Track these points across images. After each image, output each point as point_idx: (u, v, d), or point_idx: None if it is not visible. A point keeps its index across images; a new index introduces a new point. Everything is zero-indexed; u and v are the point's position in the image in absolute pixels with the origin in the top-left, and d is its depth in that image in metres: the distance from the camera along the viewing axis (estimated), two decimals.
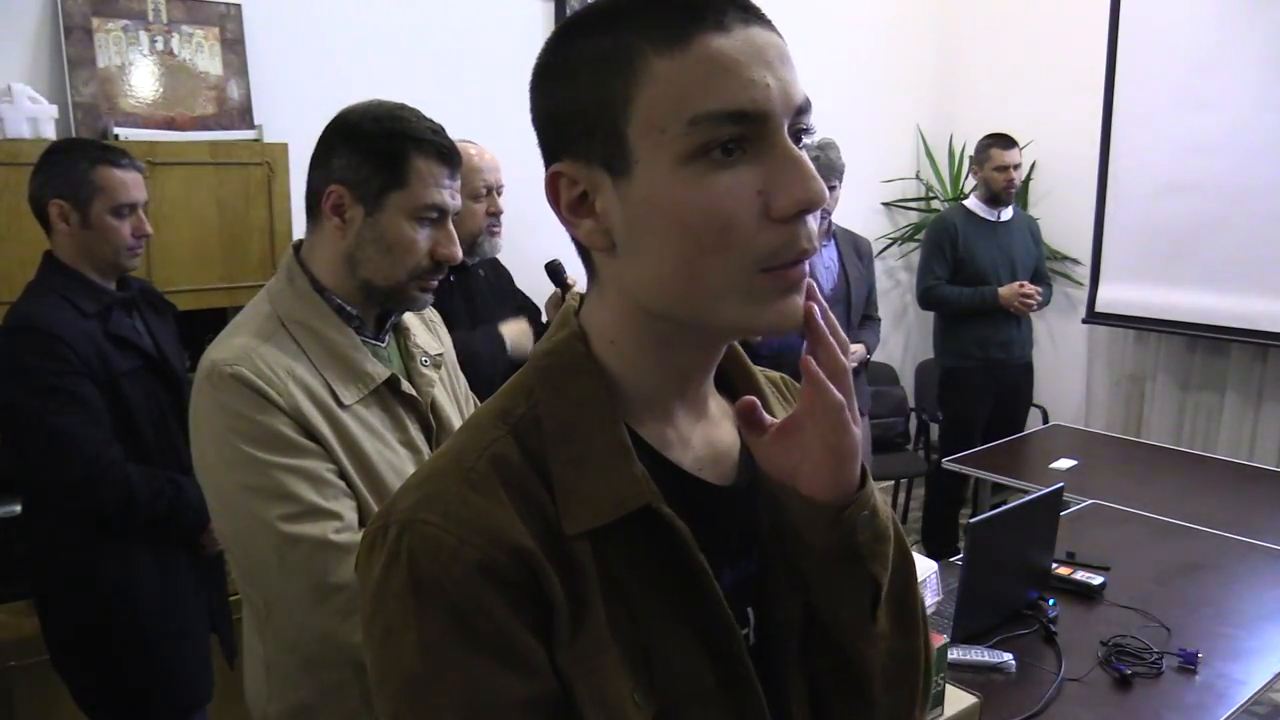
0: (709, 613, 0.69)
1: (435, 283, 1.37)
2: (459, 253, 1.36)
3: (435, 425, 1.41)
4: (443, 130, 1.34)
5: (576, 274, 3.19)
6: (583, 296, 0.76)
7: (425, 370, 1.44)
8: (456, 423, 1.46)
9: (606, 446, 0.67)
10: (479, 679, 0.62)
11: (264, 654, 1.34)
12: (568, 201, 0.67)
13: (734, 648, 0.70)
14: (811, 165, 0.63)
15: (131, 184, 2.00)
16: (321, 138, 1.32)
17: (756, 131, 0.62)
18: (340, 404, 1.27)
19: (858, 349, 3.23)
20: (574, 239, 0.69)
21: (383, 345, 1.38)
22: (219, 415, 1.21)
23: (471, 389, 1.61)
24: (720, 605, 0.69)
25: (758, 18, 0.64)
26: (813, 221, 0.64)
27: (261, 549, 1.21)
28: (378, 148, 1.28)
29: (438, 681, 0.62)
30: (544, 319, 1.95)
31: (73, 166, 1.95)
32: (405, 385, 1.36)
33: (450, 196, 1.32)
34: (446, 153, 1.31)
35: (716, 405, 0.78)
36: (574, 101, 0.65)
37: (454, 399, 1.50)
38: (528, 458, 0.67)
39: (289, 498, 1.20)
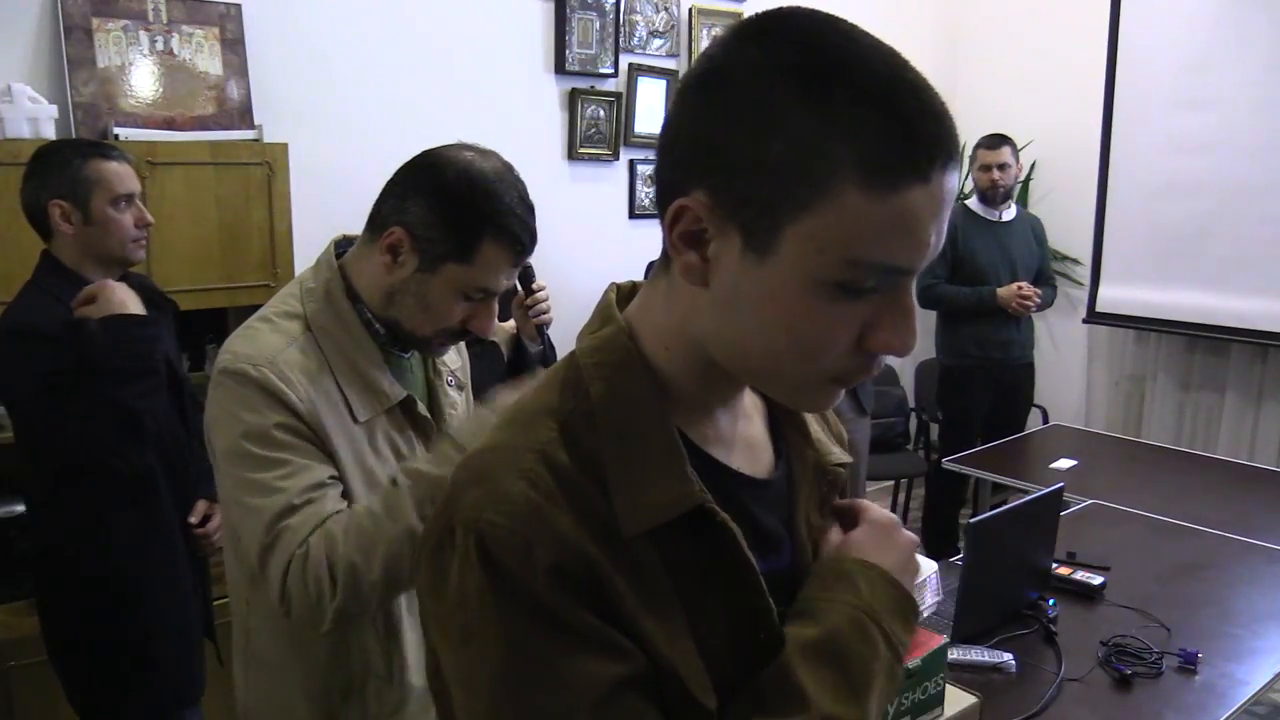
0: (751, 610, 0.70)
1: (457, 341, 1.37)
2: (492, 331, 1.35)
3: None
4: (531, 212, 1.28)
5: (569, 273, 3.19)
6: (621, 287, 0.76)
7: (450, 391, 1.44)
8: None
9: (659, 445, 0.67)
10: (572, 667, 0.62)
11: (245, 647, 1.36)
12: (682, 230, 0.64)
13: (772, 645, 0.71)
14: (915, 316, 0.64)
15: (125, 175, 2.00)
16: (411, 167, 1.28)
17: (894, 280, 0.62)
18: (355, 419, 1.27)
19: None
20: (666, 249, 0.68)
21: (406, 357, 1.38)
22: (237, 409, 1.21)
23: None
24: (765, 601, 0.70)
25: (955, 159, 0.61)
26: None
27: (251, 540, 1.21)
28: (457, 217, 1.23)
29: (530, 676, 0.62)
30: (510, 322, 1.96)
31: (65, 165, 1.94)
32: (421, 408, 1.36)
33: (505, 281, 1.30)
34: (521, 248, 1.27)
35: (749, 399, 0.79)
36: (744, 159, 0.60)
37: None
38: (579, 456, 0.67)
39: (280, 492, 1.20)
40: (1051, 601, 2.09)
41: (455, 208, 1.23)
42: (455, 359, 1.51)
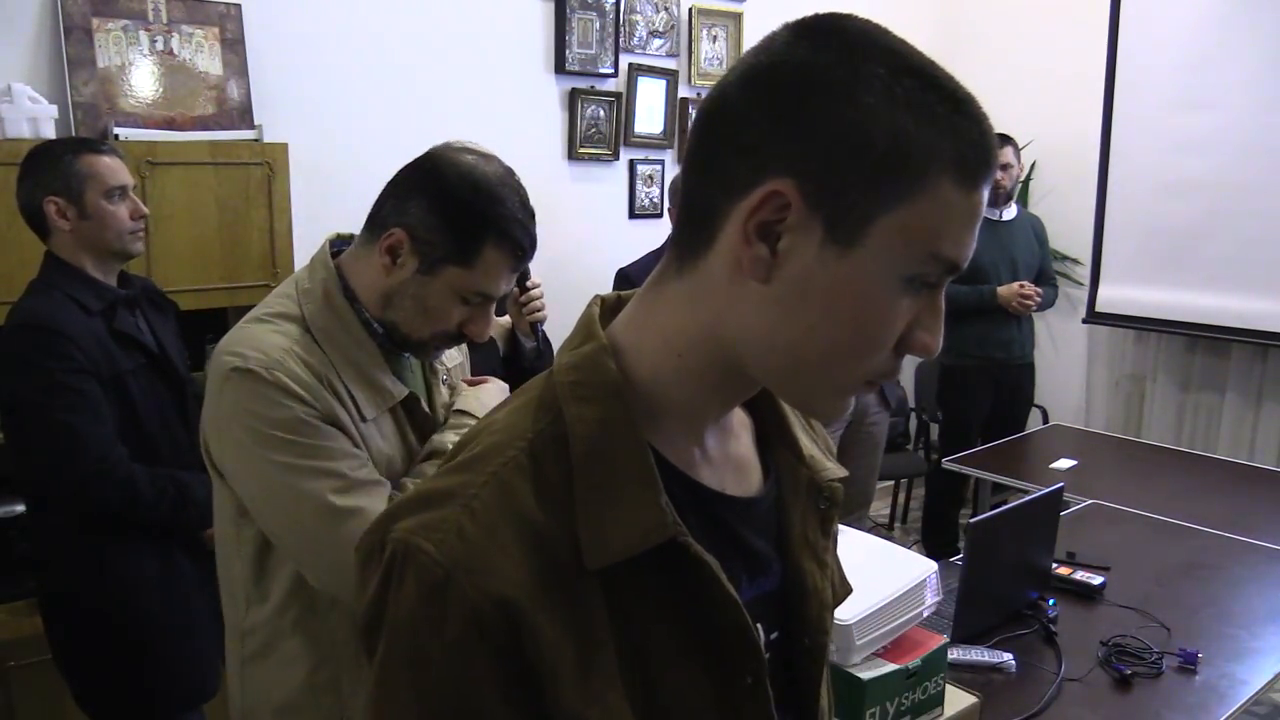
0: (730, 644, 0.67)
1: (453, 344, 1.37)
2: (487, 335, 1.34)
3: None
4: (532, 218, 1.28)
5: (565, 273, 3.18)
6: (605, 300, 0.73)
7: (444, 390, 1.44)
8: None
9: (635, 473, 0.64)
10: None
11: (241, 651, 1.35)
12: (760, 220, 0.61)
13: (755, 680, 0.68)
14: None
15: (117, 168, 2.01)
16: (413, 168, 1.28)
17: (946, 279, 0.65)
18: (362, 417, 1.28)
19: None
20: (692, 239, 0.65)
21: (406, 356, 1.38)
22: (257, 405, 1.20)
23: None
24: (749, 638, 0.67)
25: None
26: None
27: (313, 523, 1.20)
28: (459, 221, 1.23)
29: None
30: (506, 317, 1.96)
31: (57, 162, 1.95)
32: (424, 405, 1.36)
33: (504, 285, 1.30)
34: (522, 253, 1.27)
35: (737, 417, 0.76)
36: (842, 149, 0.59)
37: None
38: (542, 481, 0.64)
39: (334, 475, 1.20)
40: (1051, 601, 2.09)
41: (457, 210, 1.23)
42: (455, 355, 1.51)
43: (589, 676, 0.62)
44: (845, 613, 1.38)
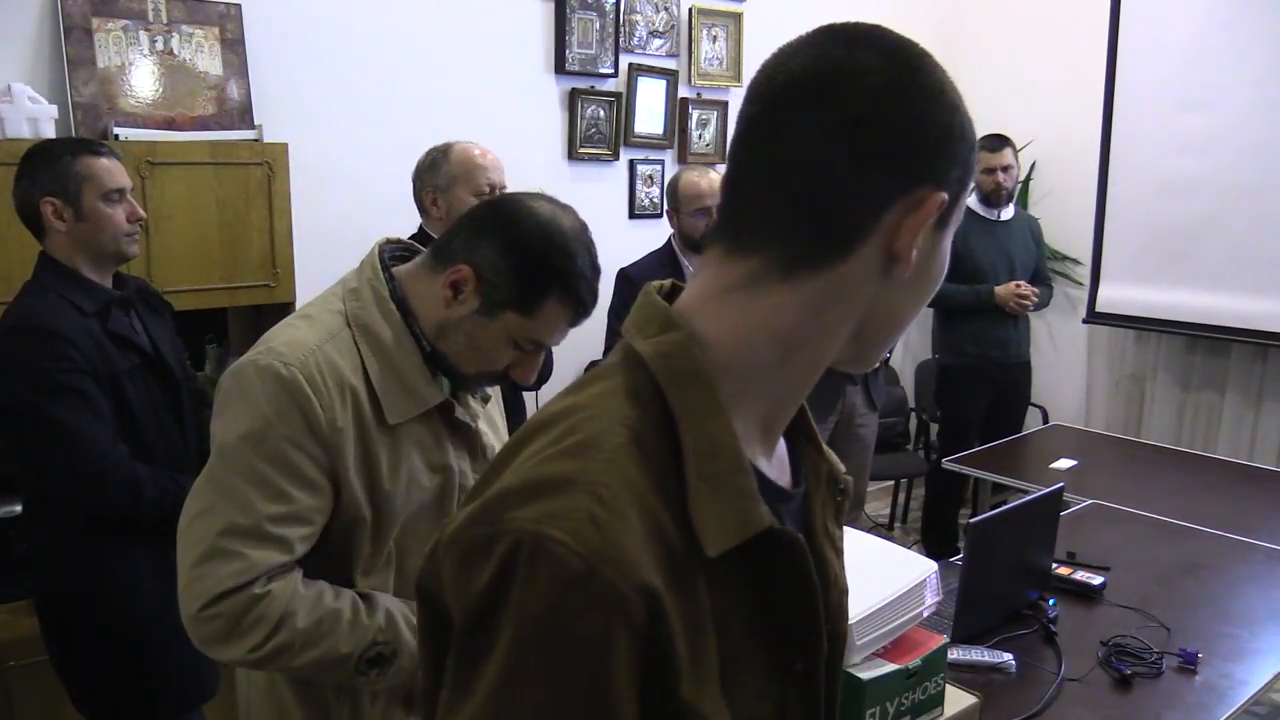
0: (799, 631, 0.69)
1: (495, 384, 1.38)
2: (532, 381, 1.35)
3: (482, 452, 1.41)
4: (598, 275, 1.28)
5: None
6: (660, 288, 0.73)
7: (473, 403, 1.43)
8: (498, 447, 1.46)
9: (733, 462, 0.65)
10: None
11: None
12: (929, 226, 0.67)
13: (806, 667, 0.70)
14: None
15: (115, 170, 2.00)
16: (490, 209, 1.28)
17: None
18: (381, 421, 1.27)
19: None
20: (815, 248, 0.67)
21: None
22: (251, 405, 1.21)
23: None
24: (818, 626, 0.69)
25: None
26: None
27: (191, 538, 1.22)
28: (528, 270, 1.23)
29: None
30: None
31: (55, 162, 1.95)
32: (460, 413, 1.35)
33: (559, 338, 1.31)
34: (584, 310, 1.28)
35: None
36: (962, 148, 0.68)
37: (492, 425, 1.50)
38: (651, 468, 0.63)
39: (251, 511, 1.20)
40: (1051, 601, 2.09)
41: (527, 259, 1.23)
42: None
43: (699, 666, 0.62)
44: None
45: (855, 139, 0.64)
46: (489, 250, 1.24)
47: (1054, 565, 2.21)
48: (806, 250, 0.67)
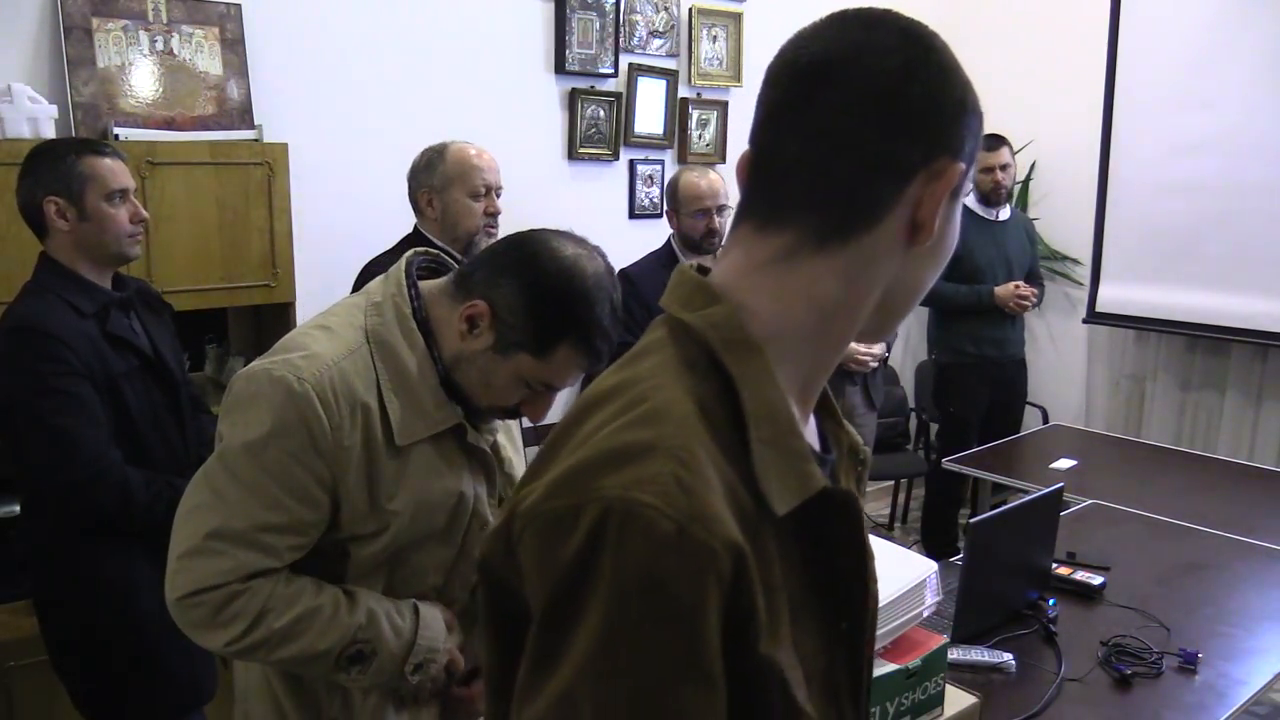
0: (848, 588, 0.73)
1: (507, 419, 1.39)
2: (543, 419, 1.35)
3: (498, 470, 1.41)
4: (618, 323, 1.27)
5: None
6: (696, 265, 0.75)
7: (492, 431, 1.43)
8: (517, 462, 1.46)
9: (787, 426, 0.68)
10: (684, 695, 0.59)
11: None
12: (945, 190, 0.70)
13: (851, 626, 0.73)
14: None
15: (119, 171, 2.00)
16: (515, 246, 1.27)
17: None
18: (391, 441, 1.26)
19: (878, 347, 3.27)
20: (845, 219, 0.70)
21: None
22: (257, 414, 1.21)
23: None
24: (864, 586, 0.74)
25: None
26: None
27: (188, 534, 1.23)
28: (545, 315, 1.23)
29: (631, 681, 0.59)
30: None
31: (59, 162, 1.95)
32: (472, 437, 1.34)
33: (571, 382, 1.31)
34: (598, 359, 1.27)
35: None
36: (975, 124, 0.72)
37: (511, 438, 1.50)
38: (718, 433, 0.65)
39: (244, 516, 1.21)
40: (1051, 601, 2.09)
41: (545, 303, 1.23)
42: None
43: (775, 622, 0.65)
44: None
45: (880, 114, 0.68)
46: (508, 289, 1.23)
47: (1054, 565, 2.21)
48: (838, 222, 0.70)
